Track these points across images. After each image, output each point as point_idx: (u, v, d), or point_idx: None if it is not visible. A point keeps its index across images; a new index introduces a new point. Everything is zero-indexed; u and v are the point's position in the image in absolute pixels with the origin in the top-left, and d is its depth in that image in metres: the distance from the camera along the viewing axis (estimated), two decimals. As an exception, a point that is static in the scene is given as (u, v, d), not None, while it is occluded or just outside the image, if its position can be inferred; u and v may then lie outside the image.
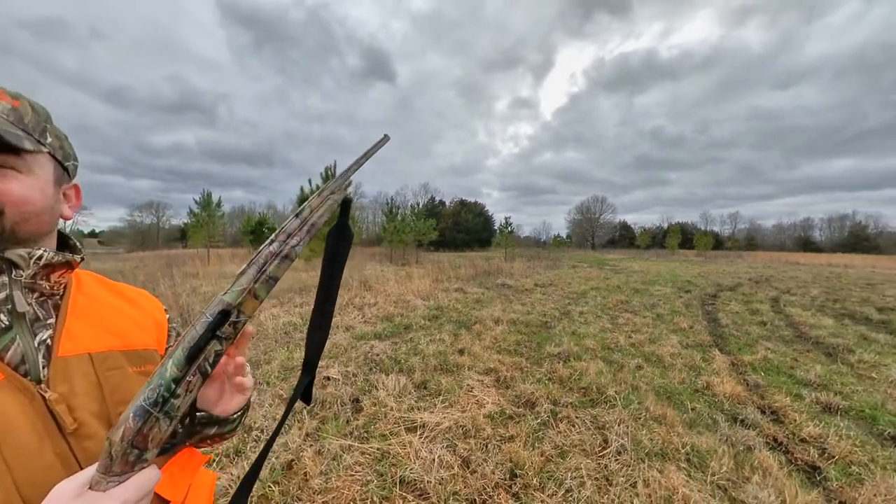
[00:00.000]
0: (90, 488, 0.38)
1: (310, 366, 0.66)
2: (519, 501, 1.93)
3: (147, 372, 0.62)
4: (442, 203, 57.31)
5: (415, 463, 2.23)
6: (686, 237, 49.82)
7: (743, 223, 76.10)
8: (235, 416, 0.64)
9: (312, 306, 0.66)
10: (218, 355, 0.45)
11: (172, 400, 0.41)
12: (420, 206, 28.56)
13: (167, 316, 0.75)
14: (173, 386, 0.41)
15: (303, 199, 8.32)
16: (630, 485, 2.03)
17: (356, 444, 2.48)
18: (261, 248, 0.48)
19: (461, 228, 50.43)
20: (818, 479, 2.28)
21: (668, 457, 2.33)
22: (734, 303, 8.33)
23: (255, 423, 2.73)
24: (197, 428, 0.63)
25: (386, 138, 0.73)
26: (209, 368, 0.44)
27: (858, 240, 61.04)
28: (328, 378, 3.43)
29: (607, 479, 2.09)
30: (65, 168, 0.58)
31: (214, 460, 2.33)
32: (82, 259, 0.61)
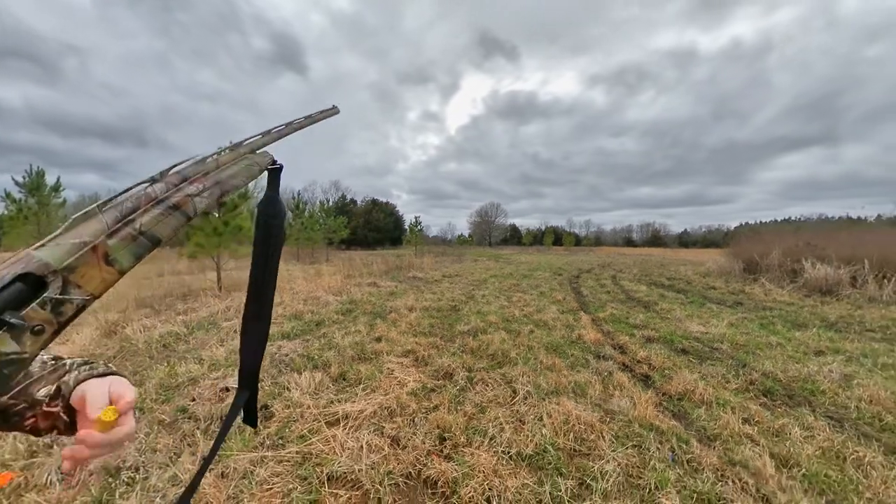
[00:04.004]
0: None
1: (248, 376, 0.51)
2: (451, 461, 1.91)
3: None
4: (353, 202, 53.77)
5: (341, 456, 1.99)
6: (557, 236, 62.33)
7: (593, 227, 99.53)
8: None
9: (245, 297, 0.51)
10: (14, 362, 0.22)
11: None
12: (330, 203, 26.07)
13: None
14: None
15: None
16: (538, 419, 2.25)
17: (269, 453, 2.08)
18: (130, 186, 0.30)
19: (373, 227, 48.38)
20: (650, 383, 2.97)
21: (561, 392, 2.68)
22: (590, 280, 10.48)
23: (125, 461, 2.02)
24: None
25: (335, 109, 0.63)
26: None
27: (656, 239, 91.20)
28: (227, 389, 2.80)
29: (520, 420, 2.27)
30: None
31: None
32: None
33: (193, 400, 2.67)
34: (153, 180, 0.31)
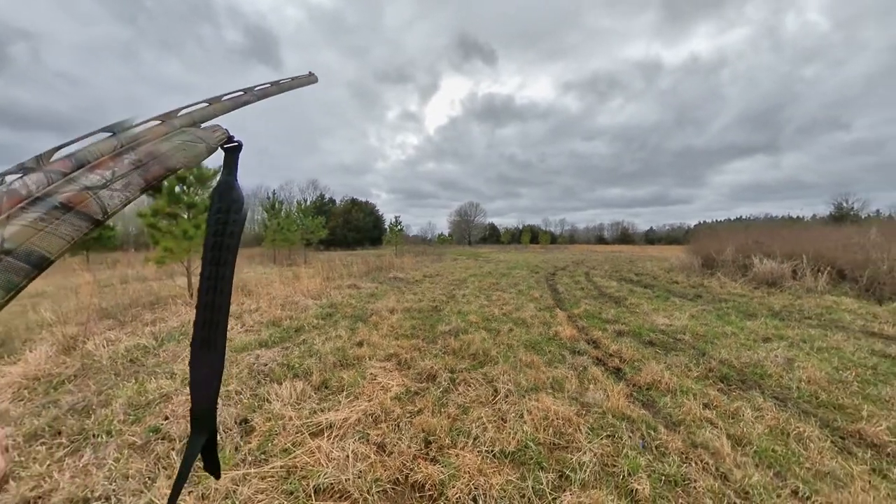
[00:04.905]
0: None
1: (203, 417, 0.40)
2: (437, 463, 1.94)
3: None
4: (332, 201, 52.32)
5: (328, 466, 1.97)
6: (534, 235, 65.56)
7: (567, 226, 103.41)
8: None
9: (194, 318, 0.40)
10: None
11: None
12: (308, 202, 25.18)
13: None
14: None
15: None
16: (519, 416, 2.33)
17: (252, 470, 2.02)
18: None
19: (352, 227, 47.26)
20: (621, 375, 3.13)
21: (540, 389, 2.78)
22: (565, 277, 10.79)
23: (93, 490, 1.88)
24: None
25: (312, 77, 0.57)
26: None
27: (625, 236, 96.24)
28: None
29: (502, 419, 2.33)
30: None
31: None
32: None
33: (167, 418, 2.53)
34: (24, 170, 0.21)
